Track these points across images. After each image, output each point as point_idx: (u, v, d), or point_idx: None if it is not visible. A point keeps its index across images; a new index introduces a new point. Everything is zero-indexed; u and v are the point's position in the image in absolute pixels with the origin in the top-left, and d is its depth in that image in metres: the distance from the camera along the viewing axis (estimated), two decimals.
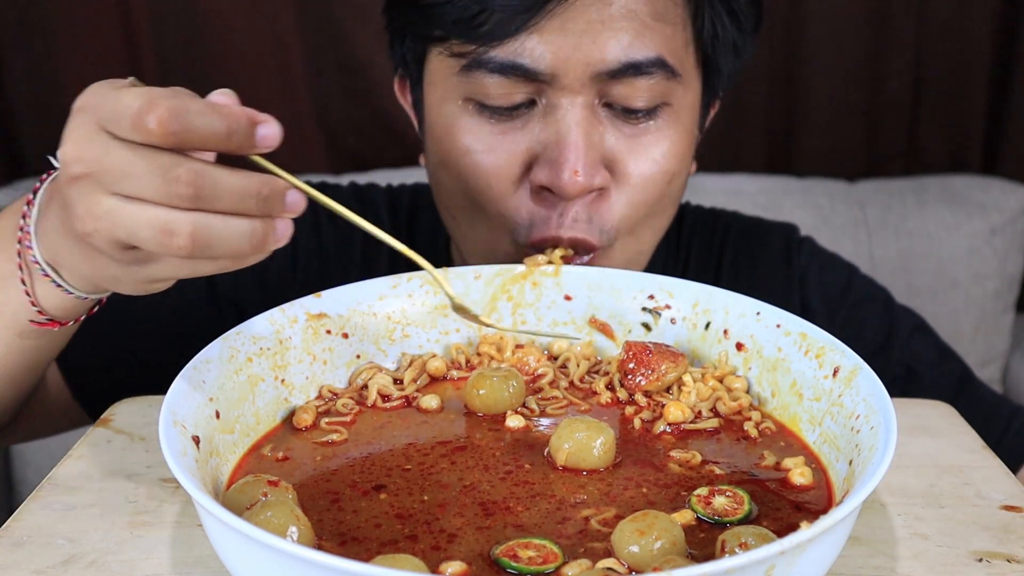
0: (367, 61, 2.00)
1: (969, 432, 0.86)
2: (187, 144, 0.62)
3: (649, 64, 0.93)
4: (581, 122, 0.93)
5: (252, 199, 0.63)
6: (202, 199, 0.62)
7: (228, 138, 0.62)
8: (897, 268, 1.99)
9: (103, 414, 0.87)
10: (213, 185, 0.62)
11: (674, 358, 0.82)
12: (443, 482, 0.70)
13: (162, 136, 0.61)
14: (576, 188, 0.92)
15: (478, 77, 0.93)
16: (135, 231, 0.64)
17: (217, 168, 0.63)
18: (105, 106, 0.64)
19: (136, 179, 0.63)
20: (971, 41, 2.10)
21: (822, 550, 0.57)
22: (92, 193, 0.65)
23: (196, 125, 0.61)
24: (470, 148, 0.96)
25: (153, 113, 0.60)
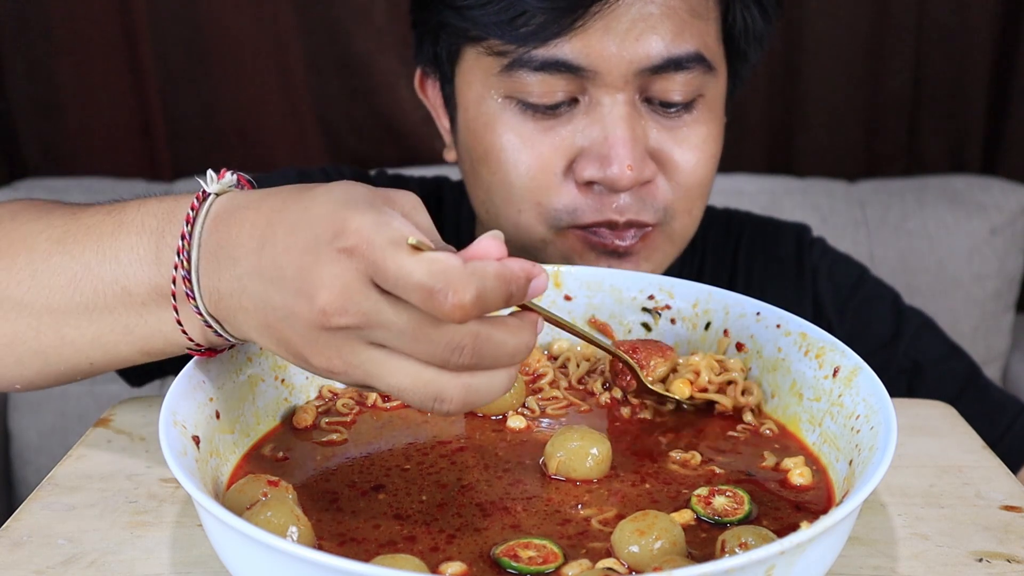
0: (367, 61, 2.00)
1: (969, 432, 0.86)
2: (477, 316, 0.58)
3: (688, 59, 0.97)
4: (626, 117, 0.96)
5: (522, 353, 0.60)
6: (478, 367, 0.60)
7: (508, 302, 0.59)
8: (897, 268, 1.99)
9: (103, 414, 0.87)
10: (493, 352, 0.59)
11: (662, 352, 0.82)
12: (442, 482, 0.70)
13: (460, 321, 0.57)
14: (629, 181, 0.96)
15: (520, 76, 0.96)
16: (398, 388, 0.60)
17: (497, 331, 0.59)
18: (384, 265, 0.57)
19: (413, 342, 0.58)
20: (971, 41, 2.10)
21: (822, 550, 0.57)
22: (350, 343, 0.60)
23: (490, 305, 0.57)
24: (512, 144, 0.98)
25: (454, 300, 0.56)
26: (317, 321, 0.60)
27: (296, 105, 2.02)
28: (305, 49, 2.00)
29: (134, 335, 0.73)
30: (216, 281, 0.66)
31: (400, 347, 0.59)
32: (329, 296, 0.59)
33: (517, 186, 0.99)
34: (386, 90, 2.02)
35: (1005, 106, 2.15)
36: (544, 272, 0.60)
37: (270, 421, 0.78)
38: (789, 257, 1.24)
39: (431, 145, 2.03)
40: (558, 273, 0.90)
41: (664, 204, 1.01)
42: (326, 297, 0.59)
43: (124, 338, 0.74)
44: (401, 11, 1.96)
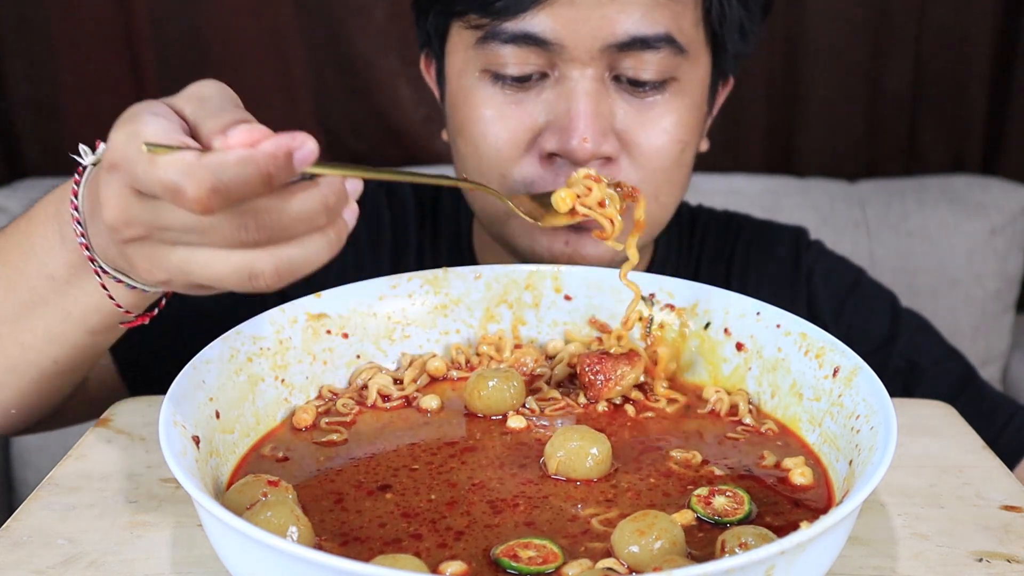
0: (367, 61, 2.00)
1: (969, 432, 0.86)
2: (235, 205, 0.60)
3: (657, 39, 0.97)
4: (591, 92, 0.97)
5: (322, 215, 0.62)
6: (274, 237, 0.62)
7: (270, 184, 0.60)
8: (897, 268, 1.99)
9: (103, 414, 0.87)
10: (281, 219, 0.61)
11: (629, 360, 0.82)
12: (452, 481, 0.70)
13: (206, 212, 0.59)
14: (586, 154, 0.96)
15: (493, 48, 0.98)
16: (216, 279, 0.63)
17: (280, 200, 0.61)
18: (137, 175, 0.61)
19: (203, 233, 0.61)
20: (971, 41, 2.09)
21: (822, 550, 0.57)
22: (155, 249, 0.64)
23: (239, 190, 0.59)
24: (484, 116, 1.01)
25: (192, 193, 0.58)
26: (115, 239, 0.65)
27: (296, 105, 2.02)
28: (305, 49, 2.00)
29: (73, 316, 0.79)
30: (99, 236, 0.71)
31: (196, 241, 0.62)
32: (110, 214, 0.64)
33: (484, 157, 1.02)
34: (386, 90, 2.02)
35: (1005, 106, 2.15)
36: (310, 143, 0.60)
37: (270, 421, 0.78)
38: (786, 259, 1.24)
39: (431, 145, 2.03)
40: (558, 273, 0.90)
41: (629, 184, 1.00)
42: (108, 215, 0.64)
43: (67, 323, 0.79)
44: (401, 11, 1.97)
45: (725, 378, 0.84)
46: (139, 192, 0.62)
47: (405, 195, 1.25)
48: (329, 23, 1.99)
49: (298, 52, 2.00)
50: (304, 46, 2.00)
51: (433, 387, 0.84)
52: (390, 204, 1.24)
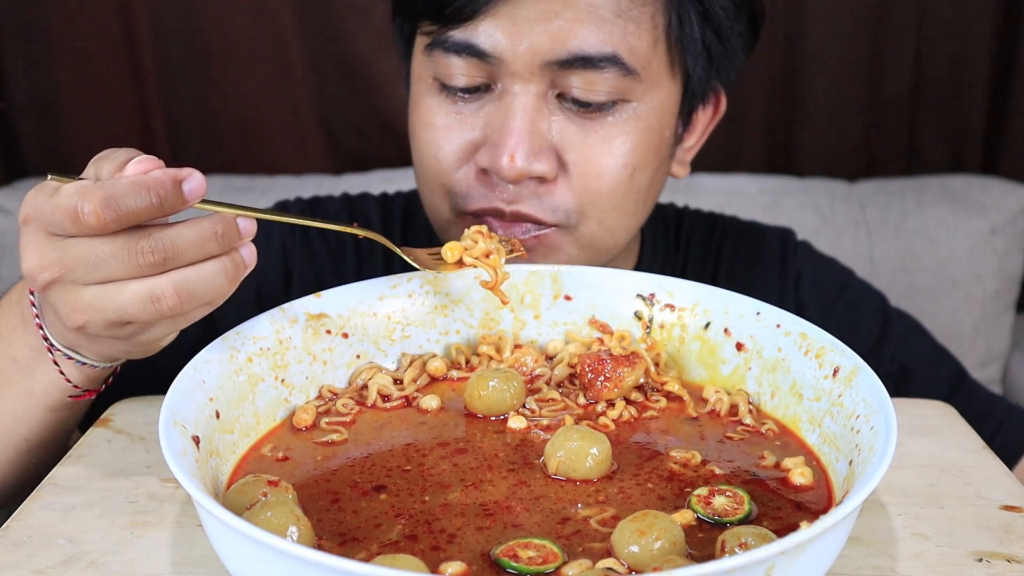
0: (367, 61, 2.00)
1: (969, 432, 0.86)
2: (127, 224, 0.67)
3: (602, 59, 0.94)
4: (528, 109, 0.95)
5: (212, 241, 0.69)
6: (169, 259, 0.68)
7: (161, 207, 0.67)
8: (897, 268, 1.99)
9: (103, 414, 0.87)
10: (174, 244, 0.67)
11: (630, 362, 0.81)
12: (444, 483, 0.70)
13: (102, 226, 0.66)
14: (512, 172, 0.94)
15: (438, 57, 0.97)
16: (123, 309, 0.69)
17: (171, 227, 0.68)
18: (44, 214, 0.68)
19: (104, 265, 0.68)
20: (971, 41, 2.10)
21: (822, 550, 0.57)
22: (69, 292, 0.70)
23: (129, 206, 0.66)
24: (429, 123, 1.00)
25: (89, 207, 0.65)
26: (36, 285, 0.71)
27: (296, 105, 2.02)
28: (305, 49, 2.00)
29: (35, 395, 0.84)
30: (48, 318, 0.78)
31: (105, 276, 0.68)
32: (27, 262, 0.70)
33: (427, 166, 1.02)
34: (386, 90, 2.02)
35: (1005, 106, 2.15)
36: (197, 176, 0.68)
37: (270, 421, 0.78)
38: (772, 262, 1.22)
39: None
40: (558, 273, 0.90)
41: (567, 206, 0.98)
42: (25, 264, 0.70)
43: (29, 401, 0.84)
44: None
45: (725, 378, 0.84)
46: (50, 234, 0.69)
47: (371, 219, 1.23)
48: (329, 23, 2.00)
49: (298, 52, 2.00)
50: (304, 46, 2.00)
51: (433, 387, 0.84)
52: None
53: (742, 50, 1.06)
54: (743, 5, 1.04)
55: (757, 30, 1.08)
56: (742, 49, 1.06)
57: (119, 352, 0.78)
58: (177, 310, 0.69)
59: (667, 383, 0.83)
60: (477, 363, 0.86)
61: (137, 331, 0.72)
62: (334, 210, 1.24)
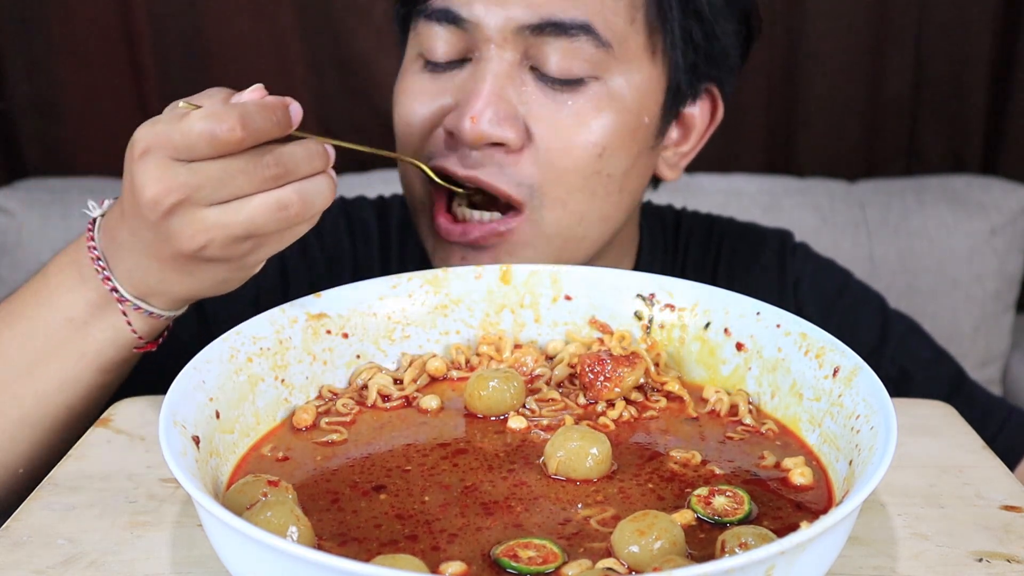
0: (367, 61, 2.00)
1: (969, 432, 0.86)
2: (256, 142, 0.72)
3: (573, 26, 0.94)
4: (499, 74, 0.95)
5: (319, 158, 0.75)
6: (290, 172, 0.73)
7: (279, 126, 0.72)
8: (897, 268, 1.99)
9: (103, 414, 0.87)
10: (291, 159, 0.73)
11: (630, 361, 0.81)
12: (444, 483, 0.70)
13: (239, 143, 0.71)
14: (472, 134, 0.94)
15: (421, 27, 0.99)
16: (252, 220, 0.73)
17: (286, 146, 0.73)
18: (173, 139, 0.72)
19: (233, 182, 0.72)
20: (971, 41, 2.10)
21: (822, 550, 0.57)
22: (194, 213, 0.73)
23: (260, 125, 0.71)
24: (406, 90, 1.02)
25: (227, 125, 0.70)
26: (157, 214, 0.74)
27: None
28: (305, 49, 2.00)
29: (87, 357, 0.85)
30: (120, 263, 0.81)
31: (232, 193, 0.72)
32: (150, 189, 0.73)
33: (401, 135, 1.03)
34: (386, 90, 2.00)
35: (1005, 106, 2.15)
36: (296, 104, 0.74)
37: (270, 421, 0.78)
38: (771, 264, 1.21)
39: None
40: (558, 273, 0.90)
41: (529, 181, 0.97)
42: (148, 191, 0.73)
43: (80, 364, 0.85)
44: None
45: (725, 378, 0.84)
46: (175, 159, 0.72)
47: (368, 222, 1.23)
48: (329, 23, 2.00)
49: (298, 52, 2.00)
50: (304, 46, 2.00)
51: (433, 387, 0.84)
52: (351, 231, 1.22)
53: (736, 51, 1.06)
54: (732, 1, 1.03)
55: (751, 32, 1.07)
56: (736, 50, 1.05)
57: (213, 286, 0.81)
58: (301, 216, 0.74)
59: (667, 383, 0.83)
60: (477, 363, 0.86)
61: (252, 248, 0.76)
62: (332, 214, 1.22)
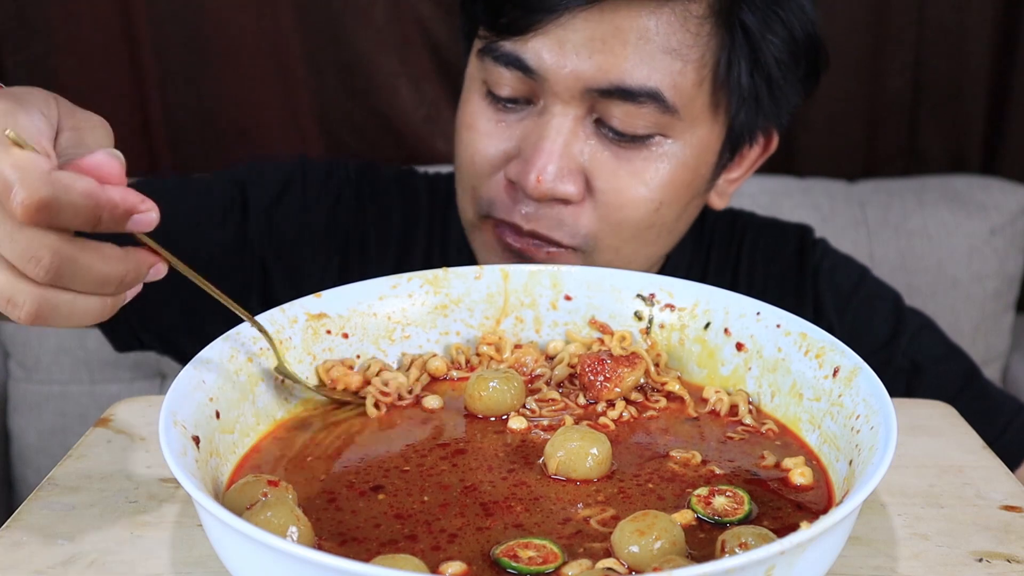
0: (367, 61, 2.00)
1: (969, 432, 0.86)
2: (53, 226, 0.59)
3: (642, 93, 0.95)
4: (563, 131, 0.96)
5: (113, 285, 0.62)
6: (59, 281, 0.60)
7: (97, 223, 0.60)
8: (897, 268, 1.99)
9: (103, 414, 0.87)
10: (75, 272, 0.60)
11: (630, 362, 0.81)
12: (444, 483, 0.70)
13: (25, 221, 0.58)
14: (537, 191, 0.96)
15: (488, 64, 1.00)
16: None
17: (87, 253, 0.60)
18: None
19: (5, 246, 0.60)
20: (971, 41, 2.09)
21: (822, 550, 0.57)
22: None
23: (66, 219, 0.58)
24: (471, 125, 1.03)
25: (21, 197, 0.57)
26: None
27: (296, 105, 2.02)
28: (305, 49, 2.00)
29: None
30: None
31: None
32: None
33: (462, 167, 1.04)
34: (386, 90, 2.02)
35: (1005, 106, 2.15)
36: (153, 209, 0.61)
37: (270, 421, 0.78)
38: (791, 258, 1.24)
39: (431, 145, 2.03)
40: (558, 273, 0.90)
41: (586, 232, 1.00)
42: None
43: None
44: (401, 11, 1.97)
45: (725, 378, 0.84)
46: None
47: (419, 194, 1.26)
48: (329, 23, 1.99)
49: (298, 52, 2.00)
50: (304, 46, 2.00)
51: (433, 387, 0.84)
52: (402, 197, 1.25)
53: (798, 95, 1.07)
54: (799, 56, 1.03)
55: (818, 74, 1.08)
56: (798, 94, 1.07)
57: None
58: (28, 322, 0.62)
59: (667, 383, 0.83)
60: (477, 363, 0.86)
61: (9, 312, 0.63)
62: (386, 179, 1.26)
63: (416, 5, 1.96)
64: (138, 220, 0.61)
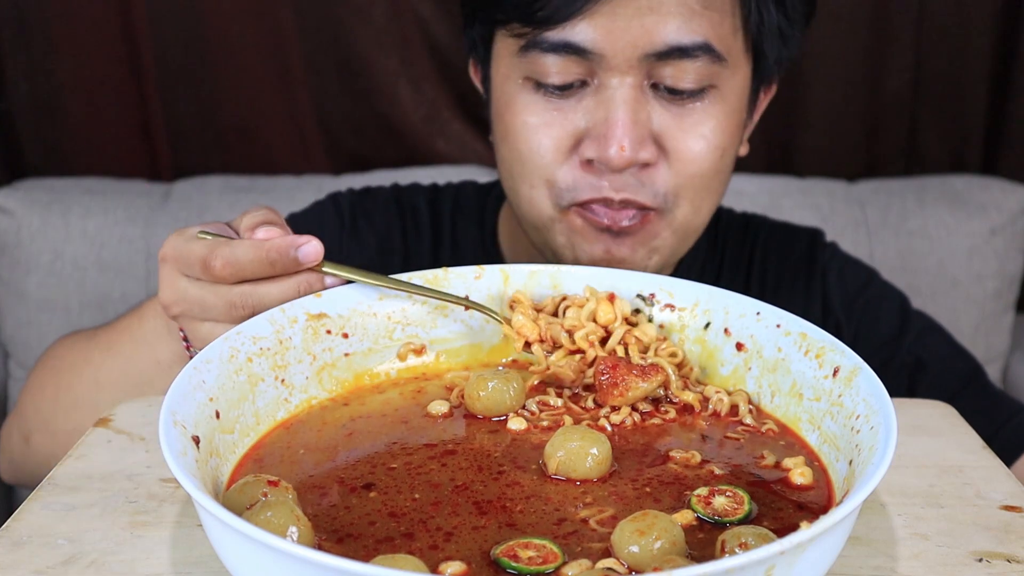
0: (367, 61, 2.00)
1: (969, 432, 0.86)
2: (242, 278, 0.82)
3: (695, 48, 0.99)
4: (629, 100, 1.00)
5: (295, 295, 0.83)
6: (258, 310, 0.82)
7: (273, 267, 0.82)
8: (897, 268, 1.99)
9: (103, 414, 0.87)
10: (261, 300, 0.82)
11: (644, 372, 0.81)
12: (433, 482, 0.70)
13: (222, 279, 0.82)
14: (622, 161, 1.00)
15: (535, 57, 1.01)
16: None
17: (262, 286, 0.83)
18: (181, 256, 0.84)
19: (211, 309, 0.84)
20: (971, 41, 2.09)
21: (822, 550, 0.57)
22: (190, 323, 0.87)
23: (244, 265, 0.81)
24: (527, 123, 1.04)
25: (215, 263, 0.81)
26: (169, 315, 0.89)
27: (296, 105, 2.02)
28: (305, 49, 2.00)
29: None
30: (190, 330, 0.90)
31: (212, 316, 0.85)
32: (163, 294, 0.88)
33: (529, 163, 1.05)
34: (386, 90, 2.02)
35: (1005, 106, 2.14)
36: (314, 242, 0.82)
37: (270, 421, 0.78)
38: (801, 259, 1.27)
39: (431, 145, 2.03)
40: (558, 272, 0.90)
41: (665, 190, 1.04)
42: (162, 295, 0.88)
43: None
44: (401, 11, 1.97)
45: (725, 378, 0.84)
46: (182, 274, 0.85)
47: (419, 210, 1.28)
48: (329, 23, 1.99)
49: (298, 52, 2.00)
50: (304, 46, 2.00)
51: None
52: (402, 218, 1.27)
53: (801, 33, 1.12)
54: None
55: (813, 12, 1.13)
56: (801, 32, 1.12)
57: None
58: None
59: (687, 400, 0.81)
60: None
61: None
62: (383, 200, 1.30)
63: (416, 5, 1.96)
64: (304, 251, 0.82)
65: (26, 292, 1.84)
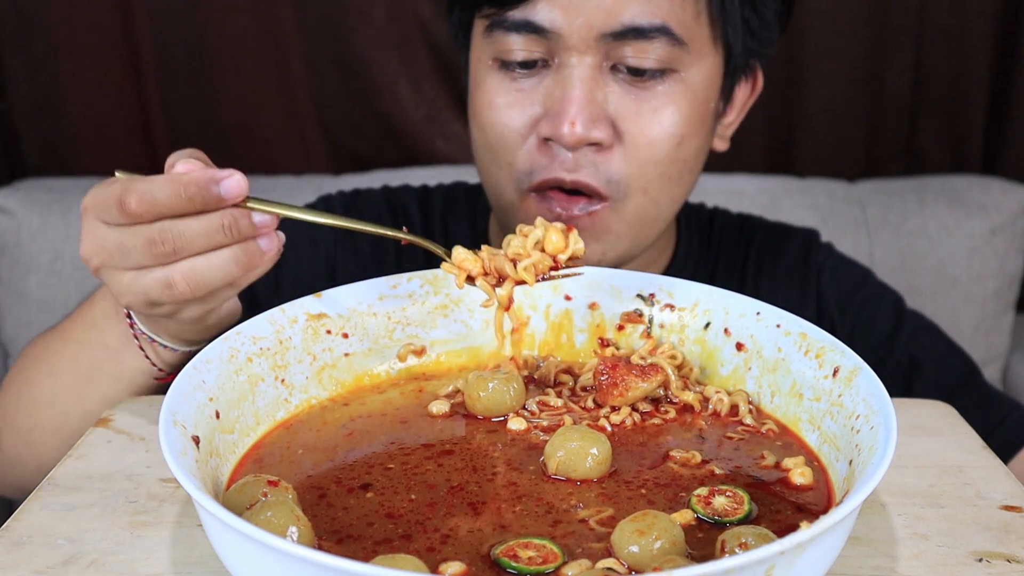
0: (367, 61, 2.00)
1: (969, 432, 0.86)
2: (160, 215, 0.75)
3: (652, 30, 1.00)
4: (585, 79, 1.01)
5: (219, 232, 0.75)
6: (180, 249, 0.75)
7: (191, 203, 0.74)
8: (897, 268, 1.99)
9: (103, 414, 0.87)
10: (181, 235, 0.75)
11: (644, 373, 0.81)
12: (429, 482, 0.70)
13: (136, 216, 0.74)
14: (573, 138, 1.00)
15: (499, 36, 1.03)
16: (146, 293, 0.77)
17: (181, 220, 0.75)
18: (99, 203, 0.77)
19: (131, 253, 0.76)
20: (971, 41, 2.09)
21: (822, 550, 0.57)
22: (112, 275, 0.79)
23: (162, 201, 0.74)
24: (492, 103, 1.05)
25: (127, 199, 0.74)
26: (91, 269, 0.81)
27: (296, 105, 2.02)
28: (305, 49, 2.00)
29: (123, 381, 0.93)
30: None
31: (134, 263, 0.77)
32: (83, 247, 0.80)
33: (492, 145, 1.06)
34: (386, 90, 2.02)
35: (1005, 106, 2.14)
36: (235, 178, 0.75)
37: (270, 421, 0.78)
38: (797, 259, 1.27)
39: (431, 145, 2.03)
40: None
41: (619, 176, 1.03)
42: (81, 248, 0.80)
43: (117, 387, 0.94)
44: (401, 11, 1.96)
45: (725, 378, 0.84)
46: (101, 222, 0.77)
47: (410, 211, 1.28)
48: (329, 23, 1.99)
49: (298, 52, 2.00)
50: (304, 46, 2.00)
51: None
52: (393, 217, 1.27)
53: (776, 28, 1.12)
54: None
55: (790, 11, 1.14)
56: (777, 27, 1.12)
57: (178, 332, 0.86)
58: (189, 295, 0.76)
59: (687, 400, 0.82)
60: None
61: (171, 312, 0.80)
62: (375, 203, 1.29)
63: (416, 5, 1.96)
64: (226, 188, 0.74)
65: (26, 292, 1.84)
